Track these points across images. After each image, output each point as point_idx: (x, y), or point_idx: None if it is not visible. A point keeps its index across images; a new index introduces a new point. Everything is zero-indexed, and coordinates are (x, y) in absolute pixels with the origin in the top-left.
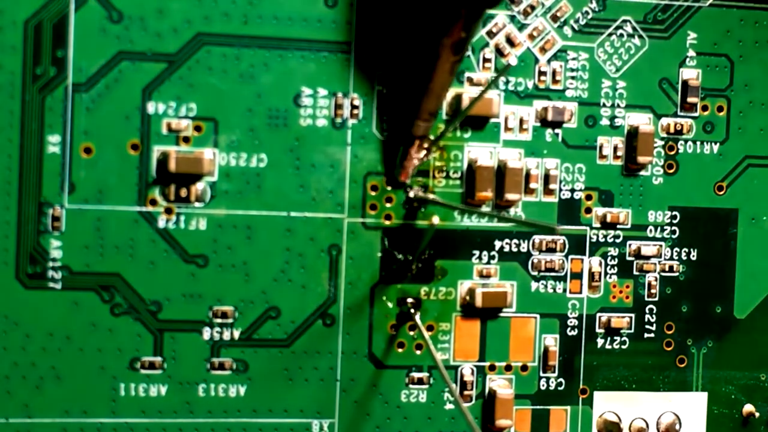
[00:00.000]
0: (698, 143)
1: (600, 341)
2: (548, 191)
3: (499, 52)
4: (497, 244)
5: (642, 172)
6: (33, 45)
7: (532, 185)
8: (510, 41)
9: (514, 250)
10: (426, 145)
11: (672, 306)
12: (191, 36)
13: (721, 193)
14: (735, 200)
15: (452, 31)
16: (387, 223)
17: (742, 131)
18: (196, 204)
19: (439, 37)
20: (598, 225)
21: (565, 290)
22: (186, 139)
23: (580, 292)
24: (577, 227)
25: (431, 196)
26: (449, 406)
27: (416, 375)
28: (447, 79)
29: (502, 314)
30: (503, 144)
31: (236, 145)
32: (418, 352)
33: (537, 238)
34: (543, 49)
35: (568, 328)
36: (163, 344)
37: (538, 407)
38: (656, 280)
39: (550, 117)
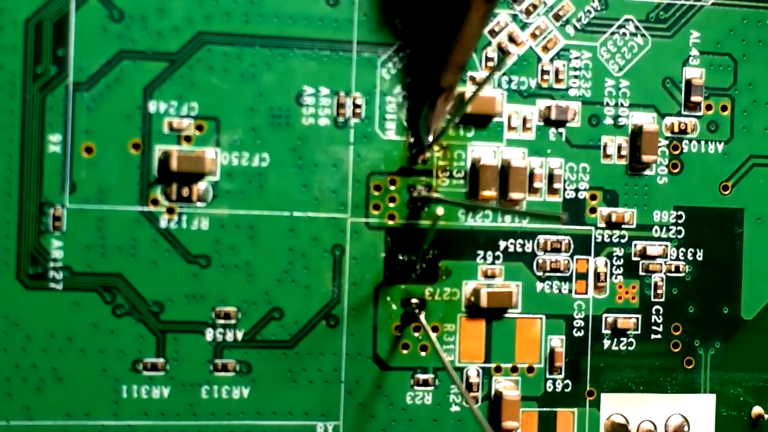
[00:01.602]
0: (702, 143)
1: (606, 342)
2: (552, 191)
3: (501, 51)
4: (502, 244)
5: (646, 172)
6: (33, 44)
7: (536, 184)
8: (512, 40)
9: (519, 250)
10: (452, 98)
11: (678, 307)
12: (192, 35)
13: (727, 192)
14: (740, 200)
15: None
16: (390, 223)
17: (746, 130)
18: (198, 204)
19: None
20: (603, 225)
21: (570, 291)
22: (188, 139)
23: (586, 293)
24: (582, 227)
25: (435, 194)
26: (455, 408)
27: (421, 377)
28: (477, 29)
29: (507, 315)
30: (507, 143)
31: (238, 145)
32: (423, 354)
33: (542, 238)
34: (545, 48)
35: (574, 329)
36: (166, 345)
37: (544, 409)
38: (662, 280)
39: (553, 116)
